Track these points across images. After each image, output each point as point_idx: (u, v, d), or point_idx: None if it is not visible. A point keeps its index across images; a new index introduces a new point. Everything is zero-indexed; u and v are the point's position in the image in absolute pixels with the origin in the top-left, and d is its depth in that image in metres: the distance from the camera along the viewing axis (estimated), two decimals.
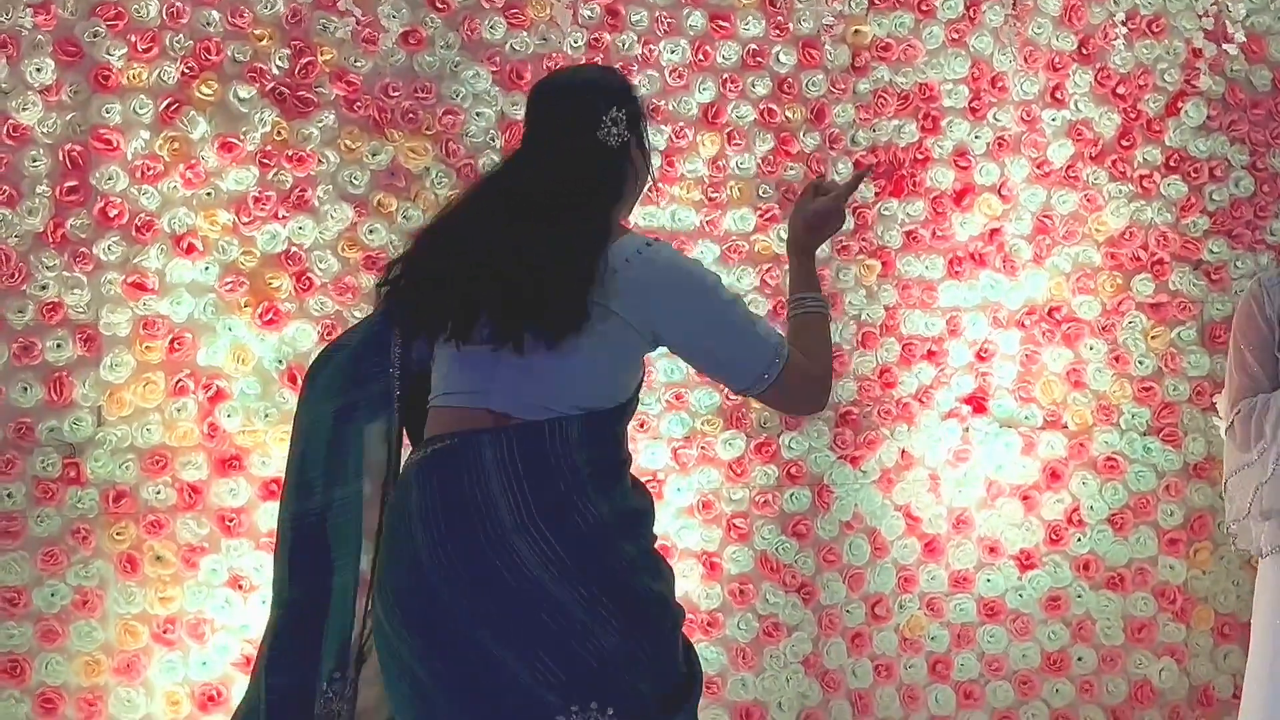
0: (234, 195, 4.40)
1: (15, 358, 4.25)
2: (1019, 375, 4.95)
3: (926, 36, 4.89)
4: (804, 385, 3.05)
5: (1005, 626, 4.91)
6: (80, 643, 4.28)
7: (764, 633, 4.72)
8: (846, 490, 4.81)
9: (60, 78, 4.31)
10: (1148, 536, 4.99)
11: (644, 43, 4.70)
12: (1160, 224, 5.03)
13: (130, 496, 4.32)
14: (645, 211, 4.66)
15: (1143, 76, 5.02)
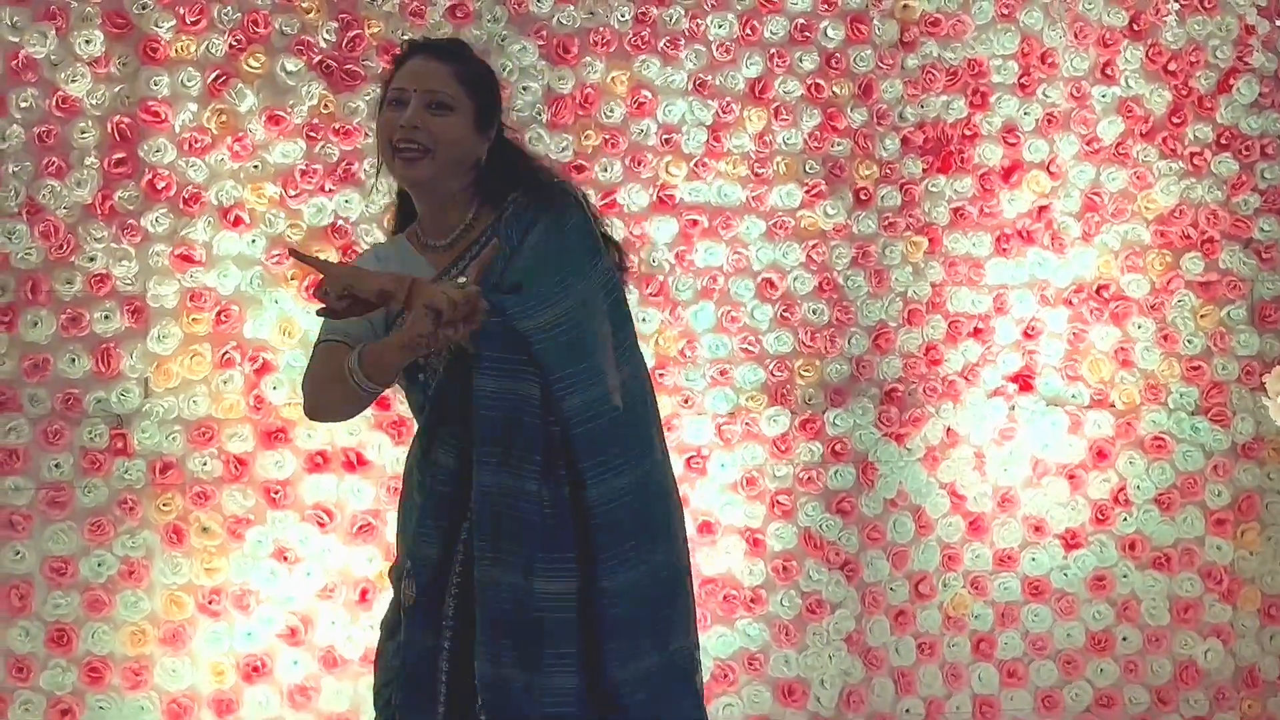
0: (281, 168, 4.41)
1: (63, 329, 4.28)
2: (1066, 353, 4.92)
3: (976, 11, 4.85)
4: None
5: (1050, 606, 4.89)
6: (126, 613, 4.32)
7: (807, 610, 4.71)
8: (891, 468, 4.80)
9: (109, 50, 4.32)
10: (1195, 516, 4.96)
11: (691, 17, 4.68)
12: (1211, 202, 4.98)
13: (177, 468, 4.35)
14: (691, 187, 4.66)
15: (1194, 53, 4.97)
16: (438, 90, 2.86)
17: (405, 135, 2.82)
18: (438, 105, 2.85)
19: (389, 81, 2.93)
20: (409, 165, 2.85)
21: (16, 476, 4.26)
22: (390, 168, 2.89)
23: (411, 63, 2.91)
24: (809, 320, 4.75)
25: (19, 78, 4.26)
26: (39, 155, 4.28)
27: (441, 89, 2.87)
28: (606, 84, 4.63)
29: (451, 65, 2.92)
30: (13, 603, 4.25)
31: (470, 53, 3.02)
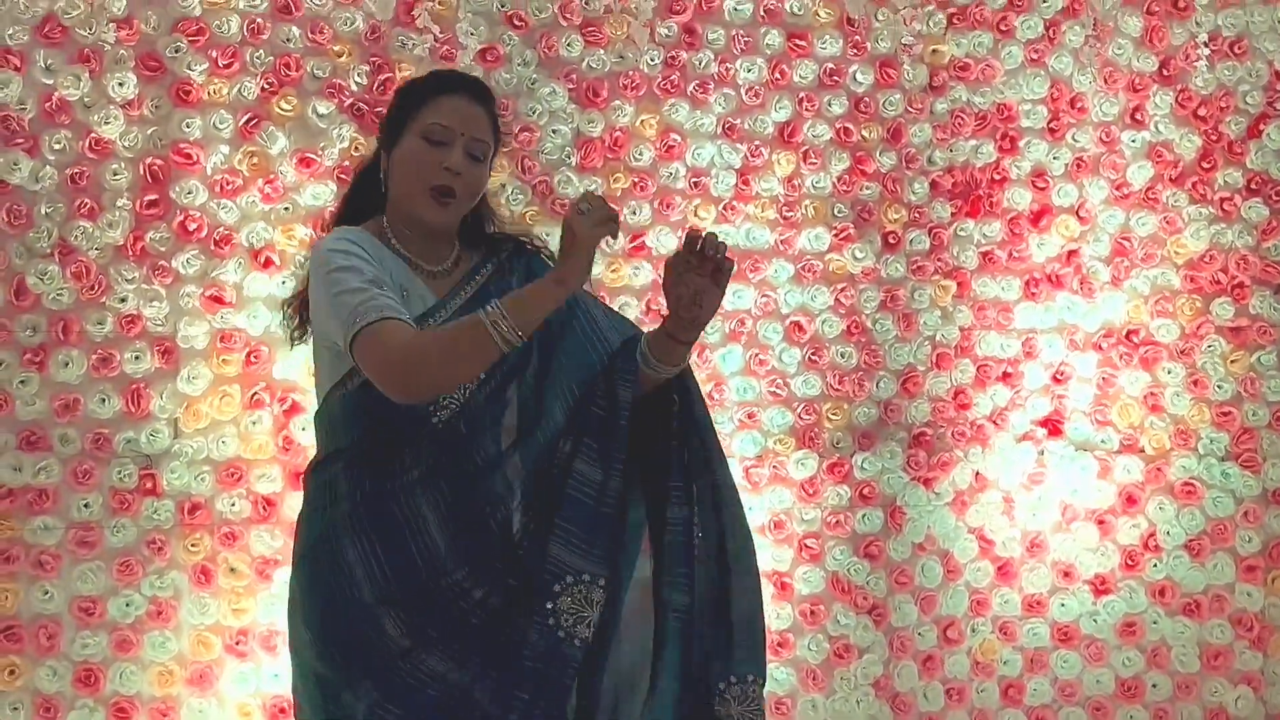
0: (311, 210, 4.41)
1: (94, 369, 4.28)
2: (1095, 398, 4.91)
3: (1005, 56, 4.87)
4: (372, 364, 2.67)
5: (1079, 652, 4.86)
6: (154, 653, 4.30)
7: (835, 654, 4.69)
8: (919, 512, 4.78)
9: (142, 92, 4.33)
10: (1225, 563, 4.93)
11: (720, 61, 4.69)
12: (1241, 247, 4.96)
13: (205, 508, 4.34)
14: (720, 230, 4.55)
15: (1224, 98, 4.97)
16: (481, 139, 2.89)
17: (447, 181, 2.81)
18: (476, 155, 2.87)
19: (415, 107, 2.89)
20: (443, 210, 2.85)
21: (46, 516, 4.25)
22: (415, 200, 2.86)
23: (455, 101, 2.89)
24: (837, 364, 4.74)
25: (52, 119, 4.27)
26: (71, 196, 4.29)
27: (483, 138, 2.91)
28: (636, 127, 4.63)
29: (488, 112, 2.96)
30: (41, 642, 4.24)
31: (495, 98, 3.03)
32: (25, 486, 4.25)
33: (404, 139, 2.88)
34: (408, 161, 2.86)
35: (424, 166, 2.83)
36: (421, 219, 2.87)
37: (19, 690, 4.23)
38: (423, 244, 2.89)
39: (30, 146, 4.27)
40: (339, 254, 2.79)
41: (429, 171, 2.82)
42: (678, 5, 4.65)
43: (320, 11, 4.43)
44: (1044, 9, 4.88)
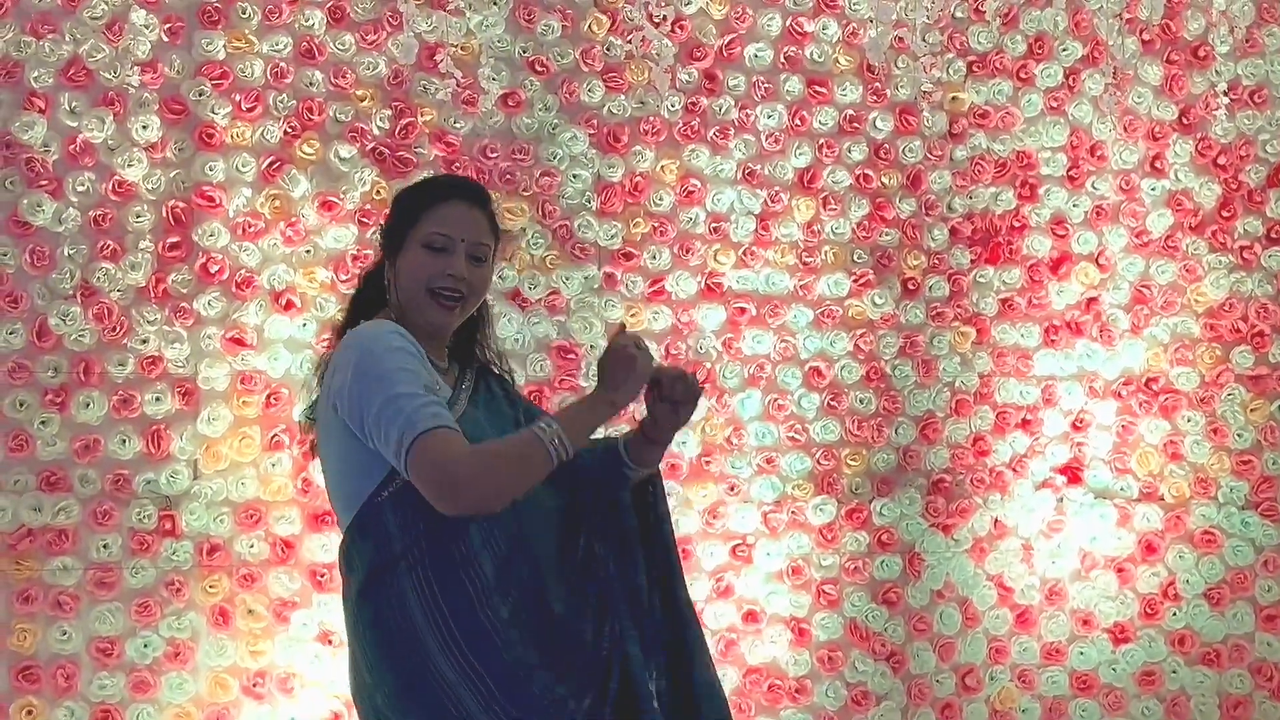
0: (333, 253, 4.43)
1: (115, 410, 4.28)
2: (1115, 446, 4.91)
3: (1025, 104, 4.89)
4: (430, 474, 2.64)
5: (1098, 701, 4.86)
6: (171, 694, 4.29)
7: (852, 701, 4.68)
8: (938, 559, 4.78)
9: (165, 135, 4.35)
10: (1245, 612, 4.92)
11: (741, 107, 4.71)
12: (1261, 295, 4.98)
13: (224, 550, 4.34)
14: (739, 275, 4.69)
15: (1244, 147, 4.99)
16: (481, 243, 2.90)
17: (451, 284, 2.82)
18: (476, 258, 2.88)
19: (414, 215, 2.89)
20: (447, 313, 2.86)
21: (65, 556, 4.25)
22: (421, 305, 2.85)
23: (454, 209, 2.89)
24: (856, 409, 4.74)
25: (76, 162, 4.29)
26: (94, 238, 4.30)
27: (483, 241, 2.93)
28: (656, 172, 4.64)
29: (487, 215, 2.96)
30: (59, 683, 4.22)
31: (490, 197, 3.04)
32: (45, 527, 4.24)
33: (406, 249, 2.88)
34: (412, 271, 2.86)
35: (424, 271, 2.85)
36: (430, 322, 2.87)
37: None
38: (427, 344, 2.87)
39: (54, 188, 4.28)
40: (403, 353, 2.73)
41: (433, 277, 2.84)
42: (698, 52, 4.67)
43: (343, 56, 4.45)
44: (1064, 57, 4.90)
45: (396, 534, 2.75)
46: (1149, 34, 4.91)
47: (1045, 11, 4.88)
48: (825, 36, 4.76)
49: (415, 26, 4.47)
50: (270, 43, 4.39)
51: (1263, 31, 4.98)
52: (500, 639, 2.72)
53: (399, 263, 2.89)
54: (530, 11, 4.55)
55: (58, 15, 4.28)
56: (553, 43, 4.57)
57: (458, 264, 2.84)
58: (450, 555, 2.73)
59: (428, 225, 2.86)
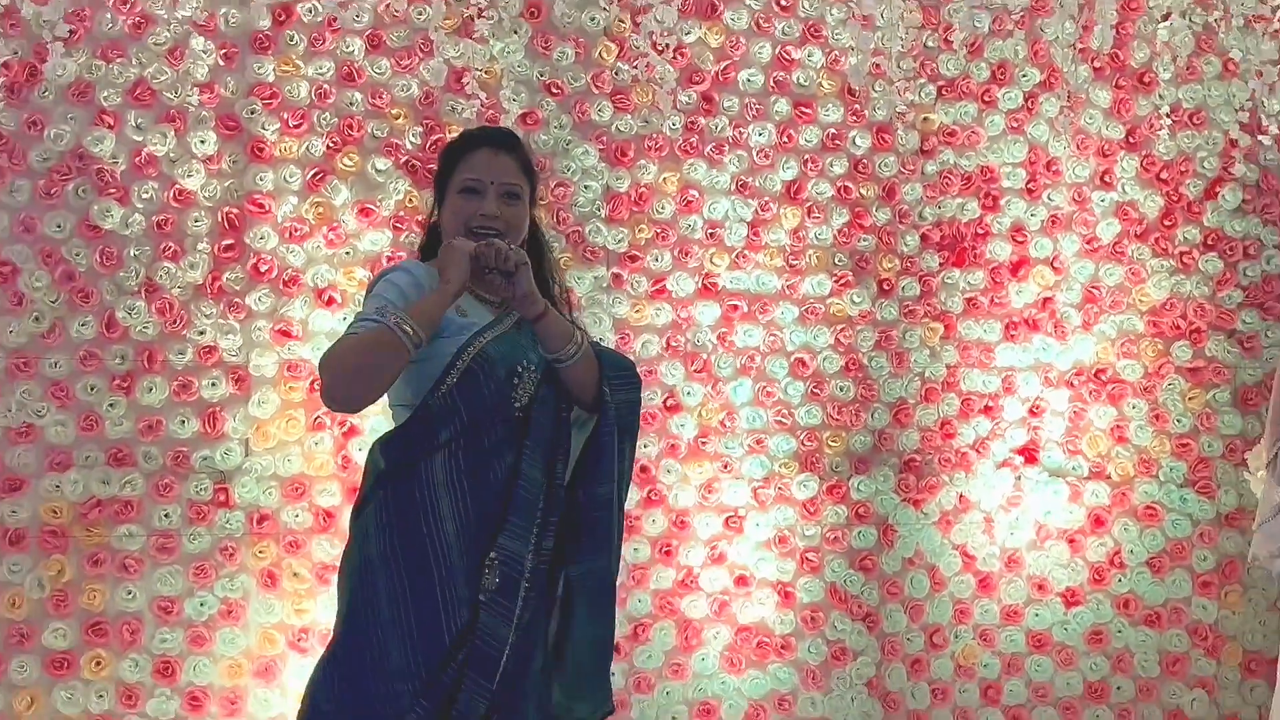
0: (370, 255, 4.43)
1: (175, 394, 4.30)
2: (1067, 430, 4.90)
3: (988, 124, 4.87)
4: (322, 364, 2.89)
5: (1051, 657, 4.85)
6: (224, 648, 4.31)
7: (832, 656, 4.68)
8: (909, 530, 4.77)
9: (220, 149, 4.36)
10: (1183, 579, 4.92)
11: (734, 126, 4.69)
12: (1198, 296, 4.96)
13: (272, 519, 4.35)
14: (732, 276, 4.67)
15: (1184, 163, 4.97)
16: (511, 182, 2.99)
17: (485, 223, 2.90)
18: (509, 195, 2.96)
19: (451, 166, 3.00)
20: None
21: (130, 525, 4.26)
22: None
23: (482, 154, 3.01)
24: (836, 396, 4.74)
25: (141, 172, 4.30)
26: (157, 241, 4.31)
27: (513, 181, 3.02)
28: (658, 184, 4.64)
29: (515, 156, 3.06)
30: (124, 637, 4.25)
31: (520, 141, 3.11)
32: (112, 498, 4.26)
33: (447, 197, 3.03)
34: (452, 215, 3.01)
35: (462, 214, 2.97)
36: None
37: (104, 680, 4.24)
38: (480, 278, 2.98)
39: (121, 196, 4.29)
40: (389, 281, 2.96)
41: (465, 218, 2.97)
42: (697, 76, 4.65)
43: (380, 79, 4.45)
44: (1023, 82, 4.88)
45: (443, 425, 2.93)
46: (1099, 62, 4.89)
47: (1007, 41, 4.85)
48: (810, 63, 4.75)
49: (444, 53, 4.46)
50: (315, 66, 4.40)
51: (1201, 60, 4.95)
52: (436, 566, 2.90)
53: (443, 211, 3.05)
54: (547, 39, 4.54)
55: (125, 41, 4.29)
56: (566, 67, 4.57)
57: (489, 204, 2.97)
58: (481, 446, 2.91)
59: (461, 173, 3.01)
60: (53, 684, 4.22)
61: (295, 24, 4.41)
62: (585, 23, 4.58)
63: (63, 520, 4.24)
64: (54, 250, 4.27)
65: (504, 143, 3.08)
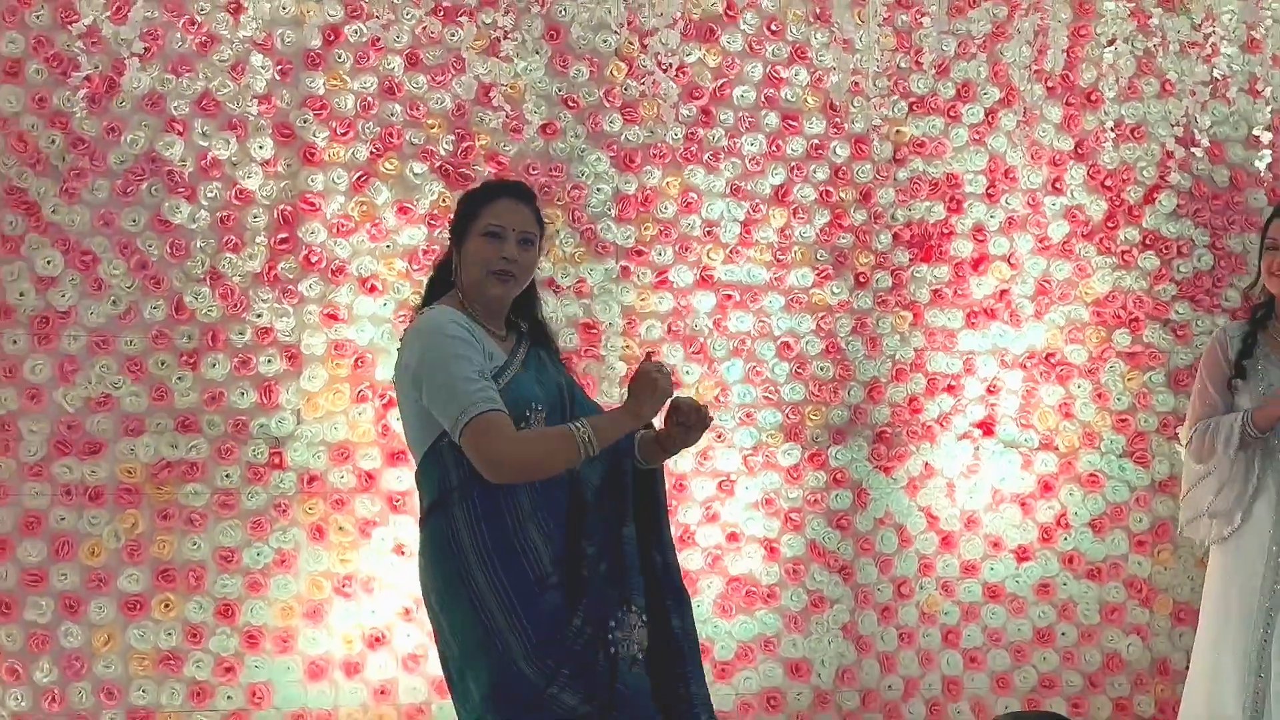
0: (408, 248, 4.45)
1: (235, 369, 4.33)
2: (1020, 406, 4.91)
3: (953, 136, 4.87)
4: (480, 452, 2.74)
5: (1004, 606, 4.87)
6: (278, 593, 4.34)
7: (811, 604, 4.70)
8: (880, 493, 4.79)
9: (277, 154, 4.38)
10: (1120, 538, 4.94)
11: (730, 136, 4.70)
12: (1137, 289, 4.97)
13: (320, 480, 4.37)
14: (726, 269, 4.68)
15: (1126, 172, 4.98)
16: (528, 230, 2.94)
17: (505, 265, 2.89)
18: (525, 241, 2.93)
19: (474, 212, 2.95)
20: (505, 287, 2.92)
21: (196, 484, 4.28)
22: (482, 283, 2.92)
23: (504, 203, 2.95)
24: (817, 375, 4.75)
25: (207, 174, 4.32)
26: (220, 234, 4.32)
27: (529, 229, 2.96)
28: (662, 187, 4.65)
29: (531, 208, 3.00)
30: (190, 582, 4.28)
31: (535, 194, 3.08)
32: (180, 460, 4.28)
33: (469, 239, 2.94)
34: (475, 255, 2.92)
35: (484, 255, 2.90)
36: (491, 297, 2.93)
37: (172, 620, 4.26)
38: (487, 315, 2.93)
39: (189, 194, 4.31)
40: (459, 341, 2.81)
41: (490, 261, 2.89)
42: (696, 92, 4.66)
43: (417, 93, 4.46)
44: (984, 99, 4.89)
45: (453, 470, 2.83)
46: (1052, 82, 4.88)
47: (970, 63, 4.86)
48: (797, 81, 4.76)
49: (474, 70, 4.48)
50: (360, 81, 4.41)
51: (1141, 81, 4.96)
52: (527, 559, 2.79)
53: (464, 250, 2.95)
54: (564, 59, 4.56)
55: (193, 58, 4.30)
56: (582, 84, 4.58)
57: (510, 248, 2.90)
58: (494, 489, 2.79)
59: (485, 218, 2.92)
60: (127, 623, 4.25)
61: (343, 43, 4.43)
62: (599, 44, 4.59)
63: (136, 479, 4.26)
64: (129, 242, 4.28)
65: (523, 195, 3.02)
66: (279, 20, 4.38)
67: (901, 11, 4.79)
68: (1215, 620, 3.42)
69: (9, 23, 4.22)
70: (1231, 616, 3.35)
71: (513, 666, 2.74)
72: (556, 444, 2.78)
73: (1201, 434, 3.67)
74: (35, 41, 4.24)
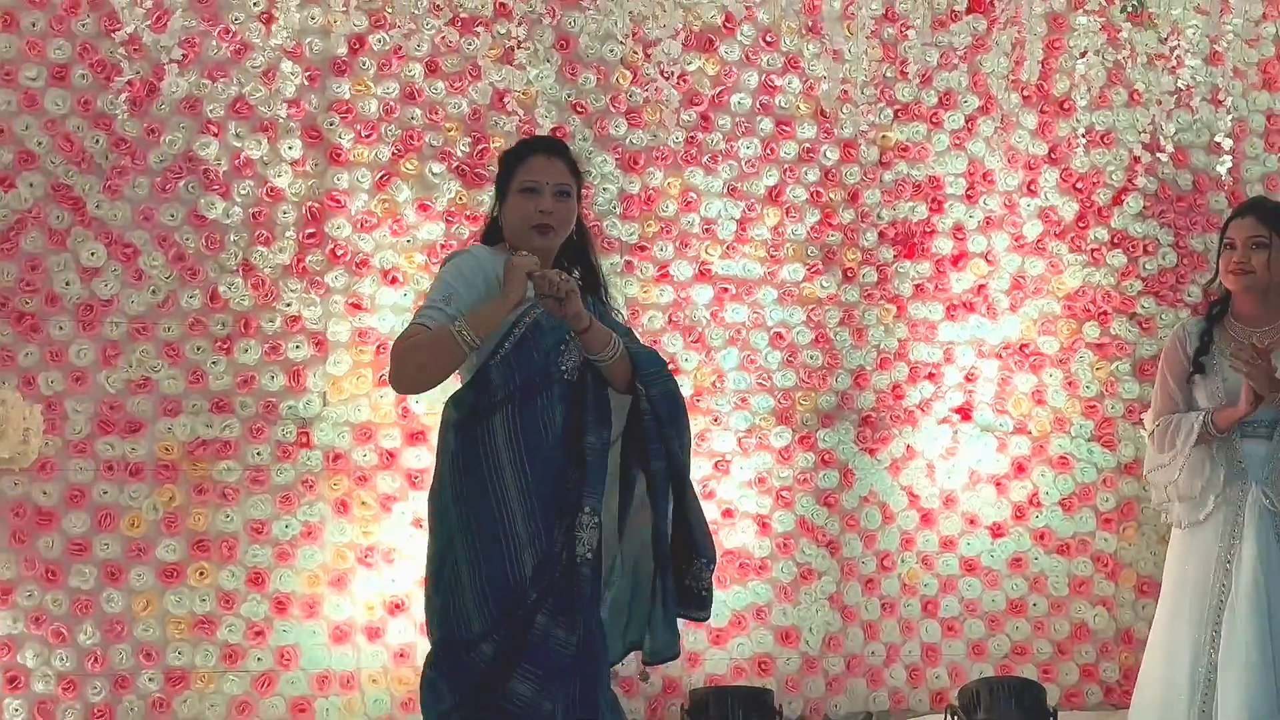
0: (427, 242, 4.45)
1: (266, 355, 4.34)
2: (996, 393, 4.90)
3: (935, 142, 4.86)
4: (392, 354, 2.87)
5: (980, 579, 4.87)
6: (305, 562, 4.35)
7: (800, 576, 4.70)
8: (865, 473, 4.78)
9: (305, 154, 4.37)
10: (1088, 516, 4.93)
11: (727, 140, 4.69)
12: (1105, 285, 4.96)
13: (345, 458, 4.37)
14: (723, 264, 4.68)
15: (1096, 175, 4.96)
16: (563, 182, 2.93)
17: (543, 220, 2.88)
18: (561, 193, 2.91)
19: (512, 170, 2.94)
20: (545, 238, 2.91)
21: (229, 460, 4.30)
22: (525, 236, 2.91)
23: (538, 159, 2.94)
24: (807, 364, 4.75)
25: (240, 173, 4.32)
26: (252, 229, 4.33)
27: (564, 181, 2.94)
28: (664, 187, 4.65)
29: (565, 160, 2.99)
30: (223, 552, 4.29)
31: (568, 147, 3.08)
32: (214, 439, 4.29)
33: (509, 195, 2.95)
34: (513, 211, 2.93)
35: (523, 210, 2.90)
36: (534, 248, 2.91)
37: (206, 587, 4.28)
38: None
39: (224, 191, 4.31)
40: (451, 270, 2.91)
41: (529, 216, 2.89)
42: (696, 99, 4.66)
43: (436, 98, 4.46)
44: (965, 107, 4.87)
45: (499, 386, 2.87)
46: (1028, 91, 4.87)
47: (952, 73, 4.85)
48: (790, 89, 4.74)
49: (489, 77, 4.48)
50: (383, 87, 4.41)
51: (1111, 91, 4.94)
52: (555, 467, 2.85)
53: (505, 207, 2.96)
54: (574, 68, 4.55)
55: (228, 64, 4.30)
56: (589, 90, 4.57)
57: (545, 202, 2.89)
58: (535, 405, 2.85)
59: (520, 175, 2.92)
60: (164, 590, 4.26)
61: (367, 52, 4.42)
62: (605, 54, 4.58)
63: (173, 456, 4.27)
64: (168, 235, 4.29)
65: (556, 148, 3.03)
66: (308, 30, 4.37)
67: (888, 25, 4.78)
68: (1173, 594, 3.42)
69: (56, 30, 4.22)
70: (1188, 592, 3.34)
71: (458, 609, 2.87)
72: (435, 338, 2.78)
73: (1164, 428, 3.66)
74: (81, 48, 4.24)
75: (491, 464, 2.87)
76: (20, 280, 4.19)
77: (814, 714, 4.69)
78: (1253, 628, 3.14)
